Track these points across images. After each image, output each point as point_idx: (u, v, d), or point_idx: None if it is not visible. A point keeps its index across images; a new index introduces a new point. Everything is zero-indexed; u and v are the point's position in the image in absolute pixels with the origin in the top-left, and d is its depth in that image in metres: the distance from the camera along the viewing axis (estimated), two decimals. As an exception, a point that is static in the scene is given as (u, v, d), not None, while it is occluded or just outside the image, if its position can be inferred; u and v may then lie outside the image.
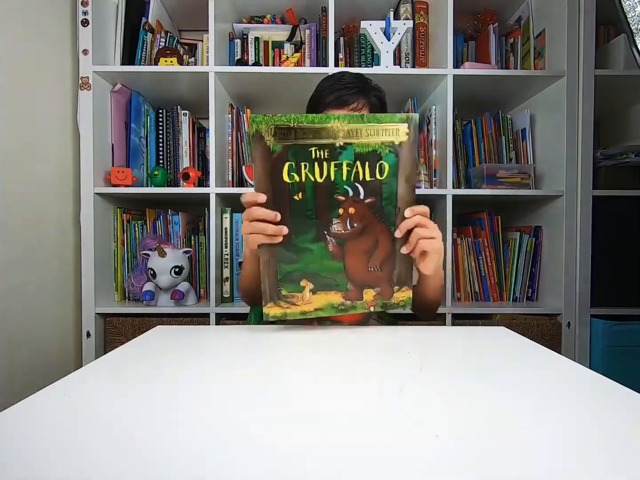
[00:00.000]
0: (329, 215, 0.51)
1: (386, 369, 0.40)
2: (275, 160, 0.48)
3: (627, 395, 0.33)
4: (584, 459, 0.23)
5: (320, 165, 0.49)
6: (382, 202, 0.52)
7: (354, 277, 0.54)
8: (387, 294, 0.55)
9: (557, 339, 1.16)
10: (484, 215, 1.27)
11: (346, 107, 0.72)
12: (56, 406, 0.31)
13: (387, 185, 0.52)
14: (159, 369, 0.40)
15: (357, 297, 0.54)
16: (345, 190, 0.50)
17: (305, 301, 0.52)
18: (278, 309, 0.52)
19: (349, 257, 0.53)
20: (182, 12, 1.36)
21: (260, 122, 0.46)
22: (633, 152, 1.17)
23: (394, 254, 0.54)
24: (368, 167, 0.50)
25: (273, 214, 0.49)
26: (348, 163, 0.50)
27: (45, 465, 0.23)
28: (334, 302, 0.53)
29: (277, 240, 0.49)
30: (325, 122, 0.48)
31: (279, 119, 0.47)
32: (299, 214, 0.50)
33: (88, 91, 1.12)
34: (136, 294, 1.21)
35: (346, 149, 0.49)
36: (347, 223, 0.51)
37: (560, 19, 1.15)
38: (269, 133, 0.46)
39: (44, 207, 1.05)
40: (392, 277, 0.55)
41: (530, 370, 0.40)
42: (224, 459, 0.23)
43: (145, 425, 0.28)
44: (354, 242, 0.52)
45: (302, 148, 0.48)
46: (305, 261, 0.51)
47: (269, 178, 0.48)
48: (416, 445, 0.25)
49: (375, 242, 0.53)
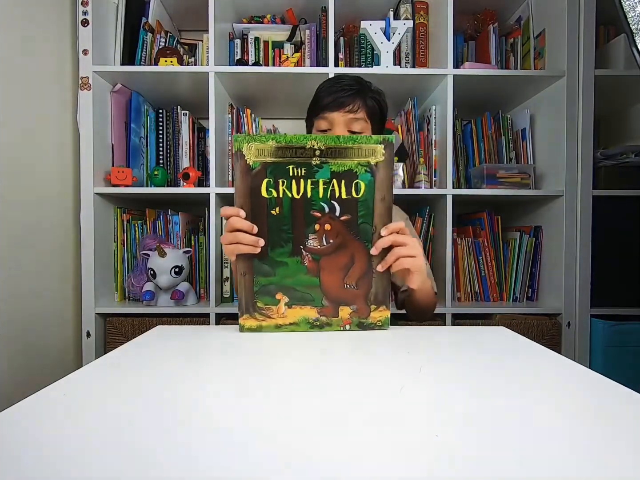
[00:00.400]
0: (305, 230, 0.52)
1: (386, 369, 0.40)
2: (254, 177, 0.50)
3: (627, 395, 0.33)
4: (584, 459, 0.23)
5: (298, 183, 0.51)
6: (358, 219, 0.53)
7: (329, 293, 0.54)
8: (363, 313, 0.55)
9: (557, 339, 1.16)
10: (484, 215, 1.27)
11: (342, 109, 0.72)
12: (56, 406, 0.31)
13: (363, 203, 0.53)
14: (159, 369, 0.40)
15: (332, 314, 0.55)
16: (322, 206, 0.52)
17: (280, 314, 0.53)
18: (253, 321, 0.53)
19: (324, 273, 0.54)
20: (182, 12, 1.36)
21: (242, 142, 0.49)
22: (633, 152, 1.17)
23: (371, 272, 0.55)
24: (344, 185, 0.52)
25: (251, 225, 0.51)
26: (324, 181, 0.51)
27: (46, 465, 0.23)
28: (309, 317, 0.54)
29: (255, 251, 0.51)
30: (303, 142, 0.50)
31: (259, 139, 0.49)
32: (276, 228, 0.52)
33: (88, 91, 1.12)
34: (136, 294, 1.21)
35: (322, 168, 0.51)
36: (323, 239, 0.53)
37: (560, 19, 1.15)
38: (249, 152, 0.49)
39: (44, 207, 1.05)
40: (369, 295, 0.55)
41: (530, 370, 0.40)
42: (224, 459, 0.23)
43: (146, 425, 0.28)
44: (329, 258, 0.53)
45: (280, 166, 0.50)
46: (281, 275, 0.53)
47: (248, 193, 0.51)
48: (416, 445, 0.25)
49: (351, 259, 0.54)
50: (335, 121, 0.73)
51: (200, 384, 0.36)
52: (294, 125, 1.51)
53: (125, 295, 1.26)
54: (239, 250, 0.51)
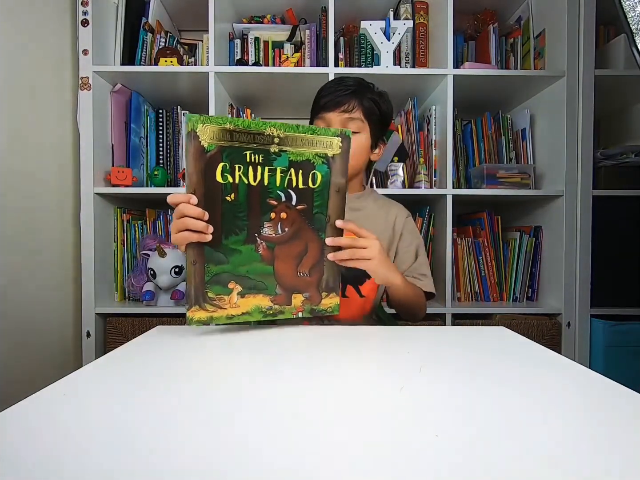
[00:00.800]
0: (261, 218, 0.51)
1: (386, 369, 0.40)
2: (208, 160, 0.47)
3: (627, 395, 0.33)
4: (584, 459, 0.23)
5: (255, 169, 0.50)
6: (313, 209, 0.54)
7: (283, 281, 0.54)
8: (315, 300, 0.56)
9: (557, 339, 1.16)
10: (484, 215, 1.27)
11: (338, 108, 0.72)
12: (56, 406, 0.31)
13: (319, 193, 0.54)
14: (159, 369, 0.40)
15: (286, 302, 0.55)
16: (278, 195, 0.51)
17: (233, 304, 0.52)
18: (204, 313, 0.51)
19: (278, 261, 0.53)
20: (182, 12, 1.36)
21: (196, 122, 0.46)
22: (633, 152, 1.17)
23: (323, 260, 0.56)
24: (301, 175, 0.52)
25: (201, 212, 0.48)
26: (282, 169, 0.51)
27: (45, 465, 0.23)
28: (262, 306, 0.53)
29: (205, 239, 0.48)
30: (261, 128, 0.49)
31: (215, 120, 0.47)
32: (230, 215, 0.50)
33: (88, 91, 1.12)
34: (136, 294, 1.21)
35: (281, 156, 0.51)
36: (278, 227, 0.52)
37: (560, 19, 1.15)
38: (204, 133, 0.46)
39: (44, 207, 1.05)
40: (321, 283, 0.56)
41: (530, 370, 0.40)
42: (224, 459, 0.23)
43: (145, 425, 0.28)
44: (284, 246, 0.53)
45: (237, 150, 0.48)
46: (235, 263, 0.51)
47: (201, 177, 0.48)
48: (416, 445, 0.25)
49: (305, 248, 0.54)
50: (332, 121, 0.73)
51: (200, 384, 0.36)
52: (294, 125, 1.50)
53: (125, 295, 1.26)
54: (188, 239, 0.48)
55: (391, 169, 1.21)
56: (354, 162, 0.75)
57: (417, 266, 0.77)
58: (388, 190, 1.17)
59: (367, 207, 0.79)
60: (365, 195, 0.81)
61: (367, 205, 0.80)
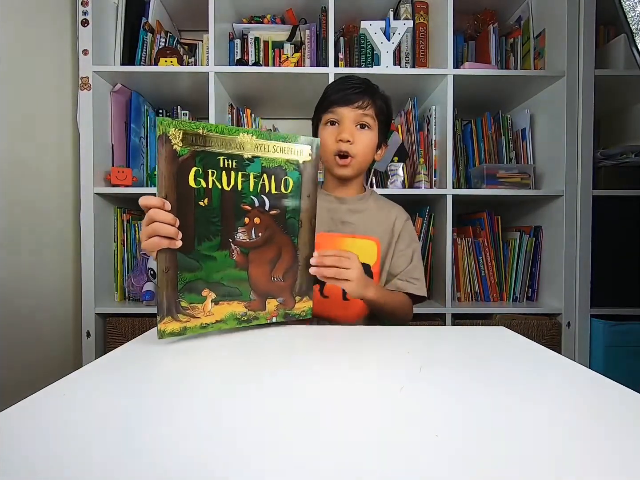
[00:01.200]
0: (235, 223, 0.51)
1: (386, 369, 0.40)
2: (181, 164, 0.46)
3: (627, 395, 0.33)
4: (583, 459, 0.23)
5: (228, 174, 0.49)
6: (286, 214, 0.55)
7: (257, 287, 0.54)
8: (289, 304, 0.57)
9: (557, 339, 1.16)
10: (484, 215, 1.27)
11: (350, 105, 0.72)
12: (56, 406, 0.31)
13: (291, 199, 0.55)
14: (159, 369, 0.40)
15: (260, 307, 0.55)
16: (252, 200, 0.52)
17: (207, 312, 0.51)
18: (176, 324, 0.48)
19: (252, 267, 0.53)
20: (182, 12, 1.36)
21: (168, 125, 0.45)
22: (633, 152, 1.17)
23: (297, 265, 0.57)
24: (274, 180, 0.53)
25: (173, 218, 0.46)
26: (255, 175, 0.51)
27: (45, 465, 0.23)
28: (237, 313, 0.53)
29: (176, 245, 0.47)
30: (234, 134, 0.49)
31: (188, 125, 0.46)
32: (204, 220, 0.49)
33: (88, 91, 1.12)
34: (136, 294, 1.21)
35: (254, 162, 0.51)
36: (252, 232, 0.52)
37: (560, 19, 1.15)
38: (176, 137, 0.46)
39: (44, 207, 1.05)
40: (294, 287, 0.57)
41: (530, 370, 0.40)
42: (224, 459, 0.23)
43: (145, 425, 0.28)
44: (258, 251, 0.53)
45: (210, 155, 0.48)
46: (208, 269, 0.50)
47: (173, 181, 0.46)
48: (416, 445, 0.25)
49: (278, 252, 0.55)
50: (344, 115, 0.73)
51: (200, 384, 0.36)
52: (294, 125, 1.51)
53: (125, 295, 1.26)
54: (158, 245, 0.46)
55: (391, 169, 1.21)
56: (362, 158, 0.75)
57: (411, 269, 0.77)
58: (388, 190, 1.17)
59: (368, 208, 0.80)
60: (366, 196, 0.81)
61: (368, 207, 0.80)
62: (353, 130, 0.73)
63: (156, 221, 0.46)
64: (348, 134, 0.72)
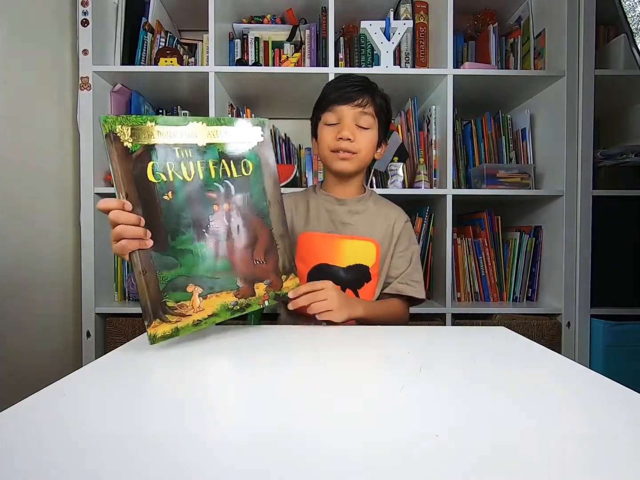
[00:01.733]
0: (205, 213, 0.50)
1: (386, 369, 0.40)
2: (136, 161, 0.45)
3: (627, 395, 0.33)
4: (583, 459, 0.23)
5: (187, 165, 0.48)
6: (252, 196, 0.54)
7: (242, 273, 0.53)
8: (277, 285, 0.57)
9: (557, 339, 1.16)
10: (484, 215, 1.27)
11: (351, 102, 0.72)
12: (56, 406, 0.31)
13: (255, 181, 0.55)
14: (159, 369, 0.40)
15: (250, 293, 0.54)
16: (216, 187, 0.51)
17: (196, 309, 0.48)
18: (167, 326, 0.46)
19: (232, 254, 0.52)
20: (182, 12, 1.36)
21: (113, 123, 0.43)
22: (633, 152, 1.17)
23: (274, 244, 0.57)
24: (233, 165, 0.53)
25: (136, 218, 0.44)
26: (214, 162, 0.51)
27: (45, 465, 0.23)
28: (228, 303, 0.51)
29: (146, 245, 0.45)
30: (184, 123, 0.48)
31: (134, 120, 0.45)
32: (172, 215, 0.47)
33: (88, 91, 1.12)
34: (136, 294, 1.21)
35: (210, 149, 0.50)
36: (223, 219, 0.51)
37: (560, 19, 1.15)
38: (124, 134, 0.44)
39: (44, 207, 1.05)
40: (278, 267, 0.57)
41: (530, 370, 0.40)
42: (224, 458, 0.23)
43: (145, 425, 0.28)
44: (235, 237, 0.53)
45: (165, 148, 0.47)
46: (188, 264, 0.48)
47: (130, 179, 0.45)
48: (416, 445, 0.25)
49: (254, 235, 0.55)
50: (344, 114, 0.72)
51: (201, 384, 0.36)
52: (294, 125, 1.51)
53: (125, 295, 1.26)
54: (127, 248, 0.44)
55: (391, 169, 1.21)
56: (365, 154, 0.74)
57: (410, 272, 0.77)
58: (388, 190, 1.17)
59: (368, 210, 0.79)
60: (366, 197, 0.81)
61: (367, 208, 0.80)
62: (353, 128, 0.72)
63: (119, 224, 0.44)
64: (349, 132, 0.71)
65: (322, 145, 0.75)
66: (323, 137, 0.75)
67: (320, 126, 0.76)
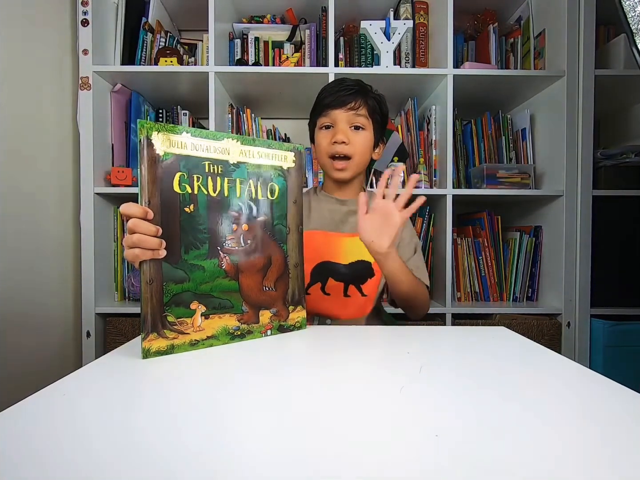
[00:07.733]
0: (223, 231, 0.49)
1: (386, 369, 0.40)
2: (165, 169, 0.45)
3: (627, 395, 0.33)
4: (583, 459, 0.23)
5: (214, 180, 0.48)
6: (274, 220, 0.54)
7: (249, 297, 0.51)
8: (283, 315, 0.55)
9: (557, 339, 1.16)
10: (484, 215, 1.27)
11: (344, 106, 0.74)
12: (56, 406, 0.31)
13: (278, 205, 0.54)
14: (159, 369, 0.40)
15: (253, 320, 0.52)
16: (239, 206, 0.50)
17: (196, 327, 0.47)
18: (163, 341, 0.44)
19: (243, 276, 0.51)
20: (182, 12, 1.36)
21: (150, 129, 0.43)
22: (633, 152, 1.17)
23: (287, 272, 0.55)
24: (260, 186, 0.52)
25: (155, 229, 0.44)
26: (241, 180, 0.51)
27: (45, 465, 0.23)
28: (229, 327, 0.50)
29: (159, 256, 0.44)
30: (219, 139, 0.48)
31: (171, 129, 0.45)
32: (190, 227, 0.46)
33: (88, 91, 1.12)
34: (136, 294, 1.21)
35: (239, 167, 0.50)
36: (240, 239, 0.50)
37: (560, 19, 1.15)
38: (159, 141, 0.44)
39: (44, 207, 1.05)
40: (287, 296, 0.55)
41: (530, 370, 0.40)
42: (224, 458, 0.23)
43: (144, 425, 0.28)
44: (248, 260, 0.51)
45: (195, 160, 0.47)
46: (197, 280, 0.47)
47: (157, 186, 0.44)
48: (416, 445, 0.25)
49: (268, 260, 0.53)
50: (338, 118, 0.74)
51: (201, 384, 0.36)
52: (294, 125, 1.51)
53: (125, 295, 1.26)
54: (139, 257, 0.43)
55: (391, 169, 1.21)
56: (359, 159, 0.76)
57: (416, 258, 0.78)
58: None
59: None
60: None
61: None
62: (347, 131, 0.74)
63: (138, 231, 0.43)
64: (342, 135, 0.73)
65: (319, 151, 0.78)
66: (319, 142, 0.77)
67: (316, 131, 0.79)
